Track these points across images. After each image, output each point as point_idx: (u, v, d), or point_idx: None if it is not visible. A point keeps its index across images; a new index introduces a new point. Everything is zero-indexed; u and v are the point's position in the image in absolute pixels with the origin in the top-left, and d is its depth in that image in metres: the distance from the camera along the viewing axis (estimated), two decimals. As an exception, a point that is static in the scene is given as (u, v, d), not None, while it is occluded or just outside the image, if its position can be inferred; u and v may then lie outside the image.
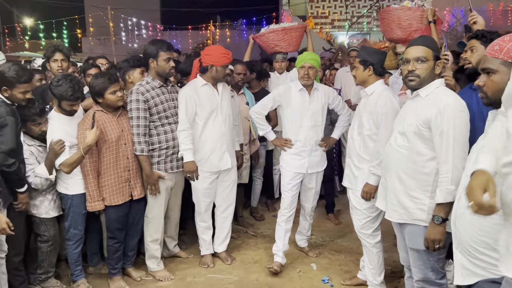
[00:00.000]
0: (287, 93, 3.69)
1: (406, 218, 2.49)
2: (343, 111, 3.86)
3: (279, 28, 4.73)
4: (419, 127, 2.38)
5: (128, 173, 3.39)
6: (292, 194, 3.73)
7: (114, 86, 3.23)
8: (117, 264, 3.47)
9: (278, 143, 3.79)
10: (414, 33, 4.02)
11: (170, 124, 3.51)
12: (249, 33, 12.87)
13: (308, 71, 3.56)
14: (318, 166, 3.80)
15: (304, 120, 3.66)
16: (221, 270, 3.77)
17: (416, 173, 2.43)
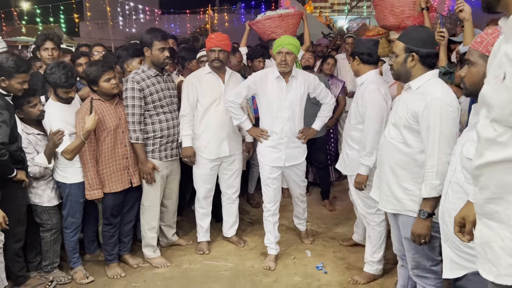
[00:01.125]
0: (263, 81, 3.47)
1: (399, 209, 2.52)
2: (326, 100, 3.67)
3: (276, 15, 4.68)
4: (408, 120, 2.39)
5: (126, 160, 3.42)
6: (273, 188, 3.61)
7: (108, 74, 3.23)
8: (113, 250, 3.52)
9: (254, 133, 3.61)
10: (406, 20, 4.00)
11: (165, 113, 3.53)
12: (248, 17, 12.78)
13: (285, 57, 3.33)
14: (297, 158, 3.64)
15: (281, 110, 3.46)
16: (217, 257, 3.82)
17: (408, 165, 2.45)
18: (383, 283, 3.38)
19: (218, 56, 3.55)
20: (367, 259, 3.41)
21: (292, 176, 3.74)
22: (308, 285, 3.37)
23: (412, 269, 2.59)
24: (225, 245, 4.05)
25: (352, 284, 3.37)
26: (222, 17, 12.65)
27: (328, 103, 3.69)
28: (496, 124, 1.26)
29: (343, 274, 3.53)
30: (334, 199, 5.25)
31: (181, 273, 3.57)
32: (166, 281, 3.47)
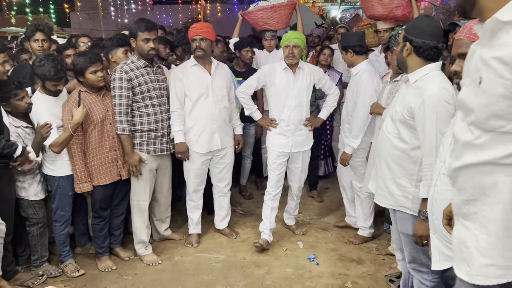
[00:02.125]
0: (271, 73, 3.68)
1: (392, 204, 2.50)
2: (331, 90, 3.84)
3: (268, 6, 4.65)
4: (404, 115, 2.32)
5: (114, 153, 3.39)
6: (277, 173, 3.76)
7: (95, 66, 3.19)
8: (103, 243, 3.50)
9: (264, 122, 3.82)
10: (395, 10, 3.98)
11: (154, 106, 3.47)
12: (241, 7, 12.67)
13: (292, 50, 3.54)
14: (303, 146, 3.81)
15: (288, 99, 3.66)
16: (209, 249, 3.81)
17: (402, 161, 2.40)
18: (375, 274, 3.39)
19: (199, 45, 3.54)
20: (360, 225, 3.92)
21: (296, 165, 3.86)
22: (300, 277, 3.38)
23: (409, 263, 2.58)
24: (217, 237, 4.05)
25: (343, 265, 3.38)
26: (214, 7, 12.53)
27: (333, 93, 3.87)
28: (474, 127, 1.27)
29: (335, 265, 3.53)
30: (326, 189, 5.25)
31: (173, 266, 3.56)
32: (158, 273, 3.46)
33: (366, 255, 3.67)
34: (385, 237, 3.93)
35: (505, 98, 1.16)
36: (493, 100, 1.19)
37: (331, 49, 5.13)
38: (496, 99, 1.18)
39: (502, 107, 1.17)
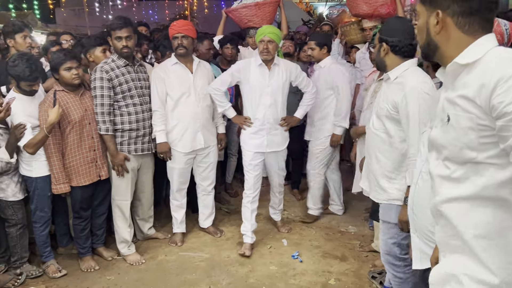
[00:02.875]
0: (246, 69, 3.55)
1: (386, 198, 2.55)
2: (308, 88, 3.74)
3: (252, 4, 4.62)
4: (389, 110, 2.42)
5: (93, 153, 3.35)
6: (254, 174, 3.68)
7: (70, 63, 3.13)
8: (85, 243, 3.46)
9: (238, 121, 3.69)
10: (380, 8, 4.00)
11: (135, 105, 3.43)
12: (228, 4, 12.59)
13: (267, 45, 3.42)
14: (278, 145, 3.72)
15: (263, 97, 3.54)
16: (193, 248, 3.80)
17: (391, 154, 2.48)
18: (358, 270, 3.41)
19: (181, 43, 3.49)
20: (311, 207, 4.28)
21: (273, 163, 3.79)
22: (284, 274, 3.38)
23: (384, 255, 2.61)
24: (201, 235, 4.03)
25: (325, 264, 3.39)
26: (201, 3, 12.43)
27: (310, 91, 3.77)
28: (448, 162, 1.35)
29: (319, 262, 3.55)
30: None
31: (157, 265, 3.54)
32: (141, 273, 3.44)
33: (350, 252, 3.69)
34: (368, 234, 3.95)
35: (473, 130, 1.24)
36: (462, 133, 1.27)
37: None
38: (465, 132, 1.26)
39: (472, 139, 1.25)
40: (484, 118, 1.22)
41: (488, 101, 1.19)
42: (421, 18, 1.40)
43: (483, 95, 1.20)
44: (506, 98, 1.14)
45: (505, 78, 1.16)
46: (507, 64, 1.19)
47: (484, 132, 1.23)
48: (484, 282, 1.29)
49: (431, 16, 1.34)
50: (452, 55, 1.32)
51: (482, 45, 1.28)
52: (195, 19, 11.24)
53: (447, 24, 1.32)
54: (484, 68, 1.24)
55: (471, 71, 1.27)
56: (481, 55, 1.27)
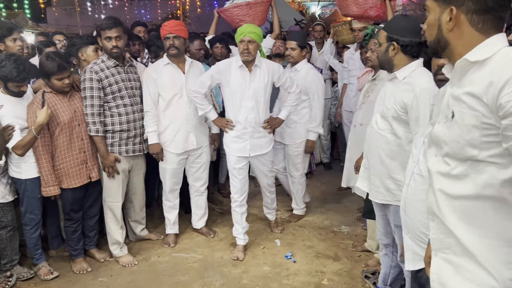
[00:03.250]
0: (226, 70, 3.43)
1: (390, 199, 2.53)
2: (291, 89, 3.65)
3: (243, 3, 4.60)
4: (397, 111, 2.40)
5: (84, 154, 3.32)
6: (240, 178, 3.58)
7: (62, 74, 3.10)
8: (77, 245, 3.44)
9: (220, 123, 3.58)
10: (369, 10, 4.01)
11: (126, 106, 3.41)
12: (220, 3, 12.56)
13: (247, 46, 3.29)
14: (262, 149, 3.61)
15: (245, 100, 3.43)
16: (186, 249, 3.78)
17: (397, 155, 2.46)
18: (351, 270, 3.41)
19: (173, 43, 3.45)
20: (295, 208, 4.33)
21: (259, 166, 3.72)
22: (277, 275, 3.38)
23: (401, 256, 2.60)
24: (194, 236, 4.02)
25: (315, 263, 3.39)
26: (194, 2, 12.40)
27: (293, 92, 3.68)
28: (449, 158, 1.35)
29: (312, 262, 3.54)
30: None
31: (149, 266, 3.53)
32: (134, 274, 3.42)
33: (343, 252, 3.70)
34: (361, 234, 3.96)
35: (476, 128, 1.24)
36: (465, 130, 1.27)
37: (309, 45, 5.14)
38: (469, 129, 1.26)
39: (475, 137, 1.25)
40: (489, 117, 1.22)
41: (496, 100, 1.19)
42: (432, 14, 1.38)
43: (491, 93, 1.20)
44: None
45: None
46: None
47: (488, 130, 1.23)
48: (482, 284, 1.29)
49: (444, 12, 1.33)
50: (462, 52, 1.32)
51: (493, 44, 1.28)
52: (187, 18, 11.20)
53: (460, 21, 1.31)
54: (494, 66, 1.24)
55: (480, 69, 1.27)
56: (491, 54, 1.26)
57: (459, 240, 1.34)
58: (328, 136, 5.71)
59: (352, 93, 4.78)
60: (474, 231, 1.31)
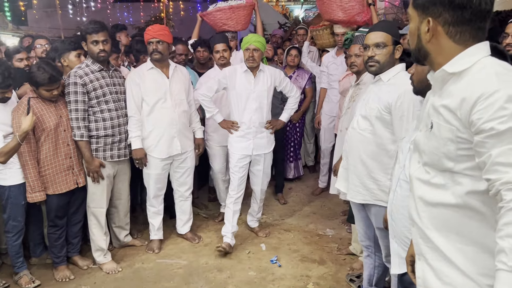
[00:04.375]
0: (232, 75, 3.65)
1: (369, 199, 2.57)
2: (291, 93, 3.86)
3: (226, 7, 4.62)
4: (380, 111, 2.44)
5: (70, 160, 3.28)
6: (239, 176, 3.74)
7: (52, 86, 3.08)
8: (60, 252, 3.38)
9: (226, 125, 3.75)
10: (357, 16, 4.04)
11: (110, 110, 3.38)
12: (204, 6, 12.53)
13: (253, 54, 3.55)
14: (264, 148, 3.80)
15: (249, 102, 3.66)
16: (171, 255, 3.76)
17: (378, 156, 2.50)
18: (336, 274, 3.43)
19: (156, 48, 3.46)
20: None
21: (259, 167, 3.84)
22: (263, 280, 3.37)
23: (386, 257, 2.62)
24: (179, 242, 3.99)
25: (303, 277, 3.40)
26: (177, 5, 12.34)
27: (293, 96, 3.89)
28: (428, 167, 1.38)
29: (297, 266, 3.55)
30: (290, 189, 5.28)
31: (133, 273, 3.49)
32: (118, 282, 3.38)
33: (328, 256, 3.71)
34: (346, 237, 3.98)
35: (452, 142, 1.27)
36: (441, 143, 1.29)
37: (298, 49, 5.16)
38: (445, 142, 1.28)
39: (450, 149, 1.28)
40: (463, 131, 1.24)
41: (468, 116, 1.20)
42: (412, 22, 1.39)
43: (464, 109, 1.21)
44: (484, 115, 1.16)
45: (485, 95, 1.17)
46: (490, 80, 1.19)
47: (463, 144, 1.25)
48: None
49: (423, 22, 1.34)
50: (442, 62, 1.33)
51: (472, 55, 1.28)
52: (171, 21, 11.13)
53: (438, 32, 1.31)
54: (469, 81, 1.24)
55: (458, 81, 1.28)
56: (469, 65, 1.27)
57: (437, 246, 1.37)
58: (312, 140, 5.73)
59: (336, 98, 4.80)
60: (452, 238, 1.34)
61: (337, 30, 4.55)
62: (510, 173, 1.13)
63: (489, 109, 1.15)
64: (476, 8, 1.26)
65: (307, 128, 5.57)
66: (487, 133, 1.16)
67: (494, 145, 1.15)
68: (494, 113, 1.14)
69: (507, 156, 1.14)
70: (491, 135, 1.15)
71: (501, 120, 1.14)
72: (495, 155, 1.15)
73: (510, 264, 1.09)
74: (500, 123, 1.14)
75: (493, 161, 1.16)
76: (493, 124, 1.14)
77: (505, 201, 1.13)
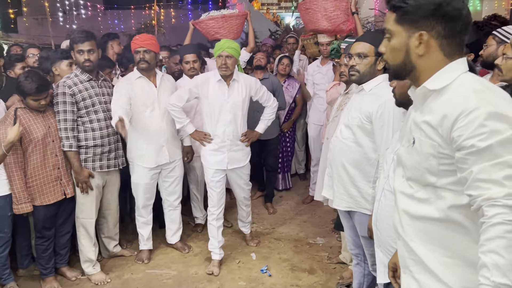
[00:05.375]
0: (204, 84, 3.47)
1: (353, 206, 2.59)
2: (268, 103, 3.71)
3: (219, 16, 4.61)
4: (362, 120, 2.47)
5: (58, 171, 3.25)
6: (217, 191, 3.59)
7: (40, 95, 3.06)
8: (48, 263, 3.34)
9: (198, 137, 3.58)
10: (342, 25, 4.07)
11: (99, 120, 3.36)
12: (195, 14, 12.54)
13: (225, 61, 3.35)
14: (240, 162, 3.64)
15: (223, 113, 3.48)
16: (160, 265, 3.73)
17: (360, 164, 2.53)
18: (326, 283, 3.43)
19: (143, 57, 3.43)
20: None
21: (236, 179, 3.73)
22: (253, 289, 3.37)
23: (372, 265, 2.63)
24: (169, 252, 3.96)
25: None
26: (168, 13, 12.33)
27: (270, 106, 3.73)
28: (411, 182, 1.39)
29: (287, 276, 3.55)
30: (280, 198, 5.27)
31: (122, 284, 3.46)
32: (106, 293, 3.35)
33: (318, 264, 3.71)
34: (336, 246, 3.98)
35: (434, 157, 1.28)
36: (424, 158, 1.31)
37: (289, 58, 5.17)
38: (427, 157, 1.30)
39: (432, 165, 1.29)
40: (445, 147, 1.25)
41: (449, 133, 1.22)
42: (396, 38, 1.36)
43: (445, 126, 1.23)
44: (465, 132, 1.18)
45: (466, 112, 1.18)
46: (470, 97, 1.21)
47: (444, 160, 1.27)
48: None
49: (412, 37, 1.32)
50: (427, 77, 1.33)
51: (452, 71, 1.30)
52: (162, 29, 11.13)
53: (430, 45, 1.31)
54: (449, 97, 1.26)
55: (438, 97, 1.30)
56: (449, 82, 1.29)
57: (422, 259, 1.38)
58: (303, 147, 5.74)
59: (322, 107, 4.81)
60: (436, 251, 1.36)
61: (321, 40, 4.59)
62: (491, 189, 1.15)
63: (469, 126, 1.17)
64: (465, 20, 1.29)
65: (297, 136, 5.57)
66: (468, 150, 1.18)
67: (475, 161, 1.17)
68: (474, 130, 1.16)
69: (487, 173, 1.15)
70: (471, 152, 1.17)
71: (481, 138, 1.16)
72: (476, 172, 1.17)
73: (493, 279, 1.10)
74: (480, 140, 1.16)
75: (474, 178, 1.17)
76: (473, 141, 1.16)
77: (487, 216, 1.15)
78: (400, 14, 1.34)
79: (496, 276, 1.10)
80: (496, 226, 1.13)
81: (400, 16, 1.34)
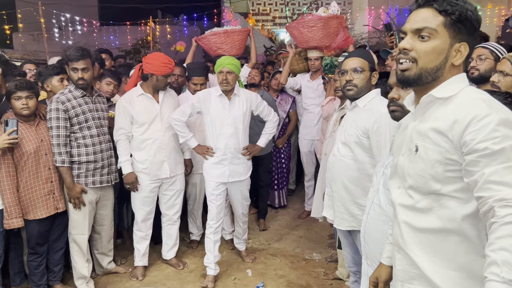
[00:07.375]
0: (206, 99, 3.56)
1: (355, 225, 2.56)
2: (269, 117, 3.77)
3: (221, 31, 4.66)
4: (359, 136, 2.47)
5: (51, 184, 3.23)
6: (217, 204, 3.60)
7: (21, 92, 3.04)
8: (40, 280, 3.29)
9: (200, 151, 3.62)
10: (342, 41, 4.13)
11: (92, 136, 3.35)
12: (190, 30, 12.64)
13: (226, 76, 3.44)
14: (240, 175, 3.68)
15: (224, 127, 3.54)
16: (155, 282, 3.68)
17: (360, 181, 2.52)
18: (323, 299, 3.40)
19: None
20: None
21: (236, 193, 3.75)
22: (249, 306, 3.33)
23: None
24: (164, 268, 3.92)
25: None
26: (164, 29, 12.43)
27: (271, 120, 3.80)
28: (412, 191, 1.39)
29: (284, 292, 3.51)
30: (276, 213, 5.25)
31: (116, 301, 3.42)
32: (100, 311, 3.30)
33: (314, 281, 3.68)
34: (333, 262, 3.95)
35: (440, 164, 1.29)
36: (429, 165, 1.32)
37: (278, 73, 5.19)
38: (432, 164, 1.31)
39: (438, 171, 1.30)
40: (453, 153, 1.27)
41: (460, 137, 1.24)
42: (440, 41, 1.34)
43: (456, 130, 1.25)
44: (478, 136, 1.21)
45: (479, 117, 1.22)
46: (481, 105, 1.25)
47: (451, 166, 1.28)
48: None
49: (455, 45, 1.34)
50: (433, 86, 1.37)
51: (458, 83, 1.35)
52: (157, 44, 11.20)
53: (463, 56, 1.35)
54: (459, 104, 1.29)
55: (444, 105, 1.33)
56: (456, 92, 1.33)
57: (424, 272, 1.37)
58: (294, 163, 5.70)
59: (312, 122, 4.82)
60: (438, 263, 1.35)
61: (311, 55, 4.62)
62: (503, 191, 1.16)
63: (482, 130, 1.20)
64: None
65: None
66: (480, 152, 1.20)
67: (487, 164, 1.19)
68: (488, 134, 1.20)
69: (500, 175, 1.17)
70: (485, 154, 1.19)
71: (495, 141, 1.19)
72: (488, 174, 1.19)
73: (503, 275, 1.09)
74: (494, 143, 1.18)
75: (486, 179, 1.19)
76: (487, 144, 1.19)
77: (499, 216, 1.15)
78: (453, 19, 1.33)
79: (506, 272, 1.09)
80: (508, 225, 1.13)
81: (453, 22, 1.33)
